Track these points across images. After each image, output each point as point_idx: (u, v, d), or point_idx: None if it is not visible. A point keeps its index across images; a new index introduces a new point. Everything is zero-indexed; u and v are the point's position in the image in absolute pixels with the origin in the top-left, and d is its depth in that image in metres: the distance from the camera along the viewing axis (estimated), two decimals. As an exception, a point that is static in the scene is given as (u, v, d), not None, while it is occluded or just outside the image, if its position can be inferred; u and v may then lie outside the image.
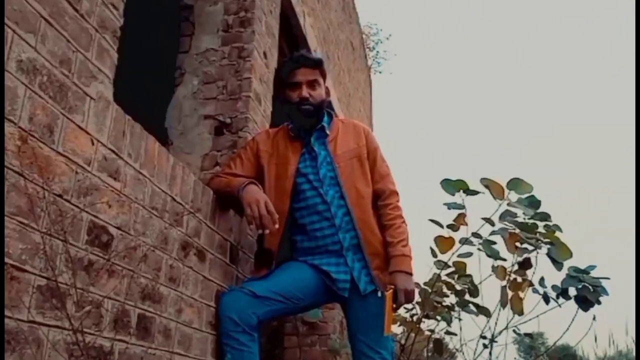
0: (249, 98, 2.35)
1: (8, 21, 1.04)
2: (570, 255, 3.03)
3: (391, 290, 1.93)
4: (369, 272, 1.98)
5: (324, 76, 2.12)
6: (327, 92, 2.15)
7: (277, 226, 1.85)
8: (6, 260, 1.01)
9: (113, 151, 1.34)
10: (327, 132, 2.11)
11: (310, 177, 2.04)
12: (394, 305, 1.95)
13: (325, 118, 2.13)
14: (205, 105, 2.40)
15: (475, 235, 3.23)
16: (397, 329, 3.63)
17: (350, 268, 1.98)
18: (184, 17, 2.55)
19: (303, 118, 2.05)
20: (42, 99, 1.12)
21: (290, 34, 3.32)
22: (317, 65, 2.08)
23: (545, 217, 3.17)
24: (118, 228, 1.34)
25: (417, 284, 3.17)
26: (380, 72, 15.48)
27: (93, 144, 1.27)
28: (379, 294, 1.96)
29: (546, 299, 3.06)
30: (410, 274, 1.99)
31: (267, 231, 1.84)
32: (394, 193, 2.12)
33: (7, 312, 1.00)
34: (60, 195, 1.15)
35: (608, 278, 3.16)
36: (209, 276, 1.84)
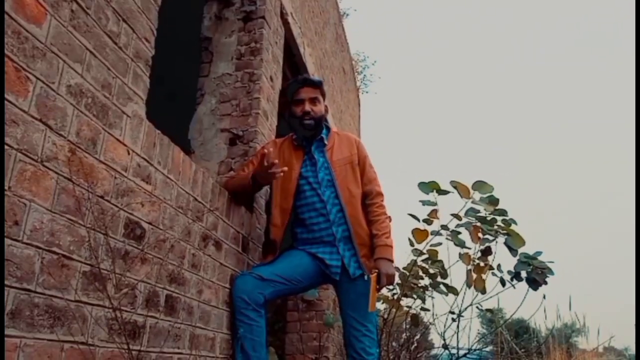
0: (258, 114, 2.35)
1: (59, 52, 1.04)
2: (523, 243, 3.05)
3: (375, 274, 1.93)
4: (358, 259, 1.99)
5: (323, 95, 2.13)
6: (326, 109, 2.16)
7: (279, 169, 1.84)
8: (57, 250, 1.01)
9: (145, 159, 1.35)
10: (325, 142, 2.11)
11: (310, 179, 2.04)
12: (378, 287, 1.95)
13: (324, 130, 2.14)
14: (221, 121, 2.39)
15: (445, 227, 3.25)
16: (380, 305, 3.64)
17: (342, 256, 1.99)
18: (203, 47, 2.54)
19: (305, 130, 2.06)
20: (87, 117, 1.12)
21: (293, 61, 3.32)
22: (318, 85, 2.10)
23: (503, 212, 3.19)
24: (149, 223, 1.34)
25: (397, 269, 3.18)
26: (367, 92, 15.46)
27: (129, 153, 1.28)
28: (365, 277, 1.97)
29: (502, 282, 3.08)
30: (392, 261, 2.00)
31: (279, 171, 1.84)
32: (379, 194, 2.12)
33: (57, 294, 1.01)
34: (102, 197, 1.15)
35: (552, 262, 3.18)
36: (225, 263, 1.84)
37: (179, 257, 1.50)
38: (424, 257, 3.13)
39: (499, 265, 3.11)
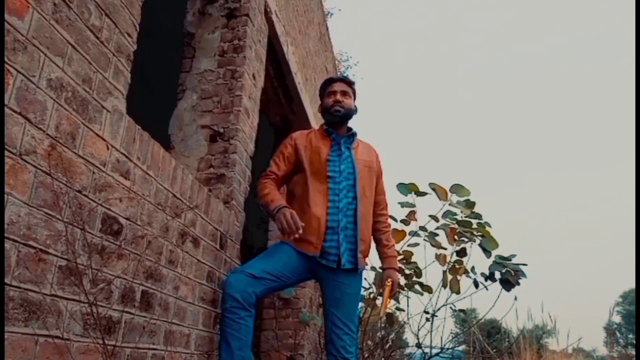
0: (240, 112, 2.36)
1: (40, 45, 1.04)
2: (497, 245, 3.14)
3: (389, 285, 2.10)
4: (354, 253, 2.04)
5: (354, 94, 2.27)
6: (356, 108, 2.26)
7: (301, 231, 1.87)
8: (33, 244, 1.01)
9: (125, 155, 1.35)
10: (353, 141, 2.22)
11: (333, 166, 2.10)
12: (391, 293, 2.12)
13: (354, 132, 2.24)
14: (202, 117, 2.40)
15: (422, 228, 3.32)
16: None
17: (339, 244, 2.01)
18: (186, 43, 2.54)
19: (333, 116, 2.17)
20: (66, 111, 1.12)
21: (276, 59, 3.33)
22: (350, 83, 2.26)
23: (478, 216, 3.28)
24: (127, 219, 1.35)
25: (374, 268, 3.24)
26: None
27: (108, 148, 1.28)
28: (358, 272, 2.07)
29: (476, 284, 3.17)
30: (398, 270, 2.20)
31: (295, 236, 1.88)
32: (387, 206, 2.30)
33: (33, 287, 1.01)
34: (80, 191, 1.16)
35: (525, 264, 3.29)
36: (202, 259, 1.85)
37: (156, 253, 1.50)
38: (399, 257, 3.20)
39: (472, 268, 3.20)
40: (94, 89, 1.22)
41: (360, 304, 3.59)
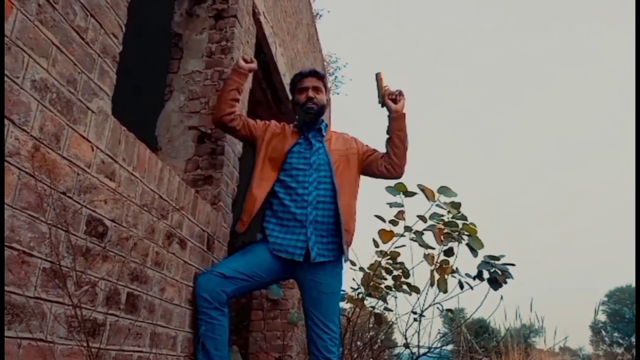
0: (227, 113, 2.36)
1: (24, 46, 1.04)
2: (482, 246, 3.18)
3: (382, 72, 2.11)
4: (328, 247, 2.01)
5: (326, 88, 2.25)
6: (328, 101, 2.23)
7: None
8: (17, 246, 1.01)
9: (110, 156, 1.35)
10: (324, 133, 2.19)
11: (300, 158, 2.09)
12: (385, 86, 2.13)
13: (323, 123, 2.22)
14: (190, 118, 2.39)
15: (409, 229, 3.35)
16: (345, 305, 3.70)
17: (307, 239, 1.99)
18: (173, 43, 2.53)
19: (306, 115, 2.15)
20: (51, 112, 1.12)
21: (264, 60, 3.33)
22: (321, 76, 2.23)
23: (464, 217, 3.33)
24: (112, 221, 1.34)
25: (362, 269, 3.26)
26: (338, 94, 15.58)
27: (93, 150, 1.27)
28: (344, 260, 2.06)
29: (461, 285, 3.21)
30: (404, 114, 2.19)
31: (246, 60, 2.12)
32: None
33: (17, 290, 1.00)
34: (64, 193, 1.15)
35: (513, 264, 3.34)
36: (189, 261, 1.85)
37: (142, 255, 1.50)
38: (387, 258, 3.22)
39: (457, 269, 3.24)
40: (78, 90, 1.22)
41: (349, 305, 3.61)
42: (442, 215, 3.30)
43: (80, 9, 1.23)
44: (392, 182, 3.34)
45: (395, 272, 3.35)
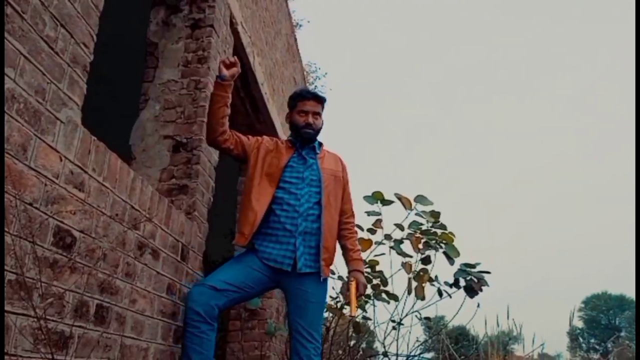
0: (203, 122, 2.36)
1: (-11, 57, 1.03)
2: (459, 254, 3.24)
3: (354, 283, 2.13)
4: (314, 258, 2.05)
5: (323, 110, 2.29)
6: (322, 122, 2.29)
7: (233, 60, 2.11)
8: (-21, 258, 1.00)
9: (79, 166, 1.34)
10: (318, 151, 2.24)
11: (294, 173, 2.13)
12: (358, 294, 2.14)
13: (317, 143, 2.27)
14: (165, 127, 2.39)
15: (388, 237, 3.39)
16: (324, 314, 3.71)
17: (296, 249, 2.03)
18: (149, 52, 2.53)
19: (303, 138, 2.19)
20: (18, 122, 1.11)
21: (242, 70, 3.35)
22: (322, 101, 2.26)
23: (443, 226, 3.39)
24: (81, 232, 1.33)
25: (341, 278, 3.27)
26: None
27: (61, 160, 1.27)
28: (321, 279, 2.08)
29: (440, 292, 3.26)
30: (364, 273, 2.22)
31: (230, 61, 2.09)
32: (354, 215, 2.32)
33: (-22, 303, 0.99)
34: (30, 204, 1.14)
35: (489, 272, 3.41)
36: (162, 271, 1.84)
37: (112, 266, 1.49)
38: (366, 266, 3.25)
39: (435, 277, 3.29)
40: (47, 100, 1.22)
41: (327, 314, 3.62)
42: (421, 224, 3.36)
43: (50, 18, 1.23)
44: (369, 191, 3.39)
45: (374, 281, 3.38)
